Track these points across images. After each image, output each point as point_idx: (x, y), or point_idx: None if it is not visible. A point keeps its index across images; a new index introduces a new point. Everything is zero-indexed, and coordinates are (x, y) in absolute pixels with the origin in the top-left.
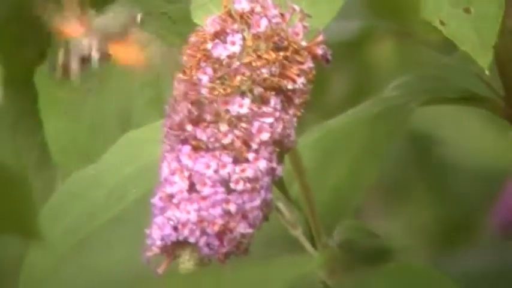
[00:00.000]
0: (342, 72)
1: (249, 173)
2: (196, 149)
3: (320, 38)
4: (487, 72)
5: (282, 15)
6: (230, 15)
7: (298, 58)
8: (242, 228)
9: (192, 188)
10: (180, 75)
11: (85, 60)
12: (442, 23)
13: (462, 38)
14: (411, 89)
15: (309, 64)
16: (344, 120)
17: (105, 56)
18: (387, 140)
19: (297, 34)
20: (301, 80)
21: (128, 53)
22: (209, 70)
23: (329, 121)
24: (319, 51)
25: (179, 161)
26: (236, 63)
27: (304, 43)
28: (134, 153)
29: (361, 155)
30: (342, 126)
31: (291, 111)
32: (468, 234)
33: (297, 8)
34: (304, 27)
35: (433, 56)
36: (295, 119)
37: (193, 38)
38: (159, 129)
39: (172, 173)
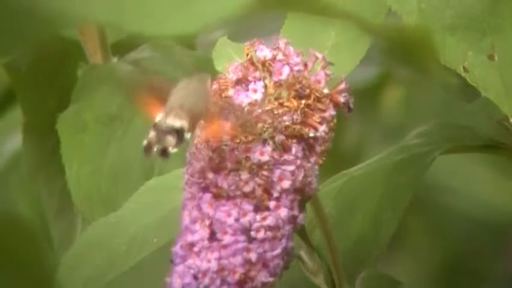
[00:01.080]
0: (359, 119)
1: (270, 221)
2: (217, 196)
3: (342, 85)
4: (511, 120)
5: (304, 63)
6: (252, 62)
7: (320, 106)
8: (263, 276)
9: (213, 236)
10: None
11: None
12: (465, 70)
13: (486, 85)
14: (433, 137)
15: (331, 112)
16: (366, 168)
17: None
18: (409, 188)
19: (319, 82)
20: (322, 128)
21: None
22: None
23: (351, 169)
24: (341, 99)
25: (200, 209)
26: (258, 111)
27: (326, 91)
28: (155, 201)
29: (383, 203)
30: (364, 174)
31: (312, 159)
32: (473, 280)
33: (319, 55)
34: (327, 75)
35: (453, 102)
36: (316, 167)
37: (215, 85)
38: (181, 176)
39: (193, 221)
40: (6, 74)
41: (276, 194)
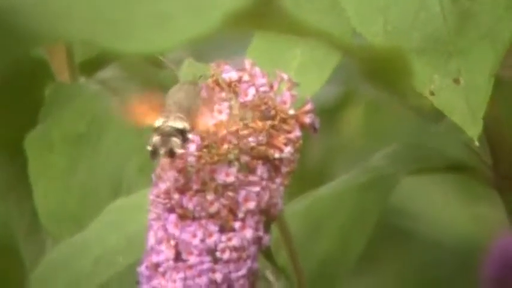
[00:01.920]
0: (321, 138)
1: (235, 242)
2: (182, 217)
3: (308, 106)
4: (476, 143)
5: (270, 84)
6: (218, 83)
7: (286, 127)
8: None
9: (178, 257)
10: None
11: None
12: (432, 93)
13: (452, 108)
14: (399, 158)
15: (297, 133)
16: (332, 189)
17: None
18: (375, 209)
19: (285, 103)
20: (288, 149)
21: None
22: (196, 138)
23: (317, 189)
24: (307, 119)
25: (166, 229)
26: (223, 132)
27: (292, 112)
28: (121, 221)
29: (350, 223)
30: (331, 195)
31: (278, 180)
32: None
33: (285, 76)
34: (292, 95)
35: (420, 123)
36: (282, 188)
37: None
38: (146, 196)
39: (159, 242)
40: None
41: (241, 215)
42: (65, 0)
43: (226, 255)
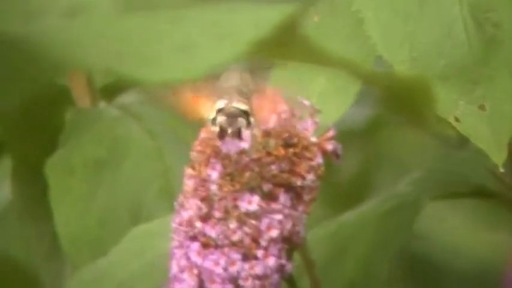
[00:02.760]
0: (351, 161)
1: (258, 270)
2: (205, 245)
3: (330, 133)
4: (501, 169)
5: (292, 111)
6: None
7: (308, 154)
8: None
9: (201, 285)
10: (190, 171)
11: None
12: (456, 119)
13: (477, 134)
14: (424, 184)
15: (319, 160)
16: (356, 215)
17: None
18: (398, 235)
19: (307, 130)
20: (310, 177)
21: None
22: (219, 166)
23: (341, 216)
24: (329, 147)
25: (188, 258)
26: (245, 160)
27: (314, 139)
28: (143, 248)
29: (373, 250)
30: (355, 221)
31: (300, 208)
32: None
33: (307, 103)
34: (314, 122)
35: (444, 149)
36: (304, 216)
37: (203, 134)
38: (168, 223)
39: (182, 271)
40: None
41: (264, 243)
42: (88, 29)
43: (249, 284)
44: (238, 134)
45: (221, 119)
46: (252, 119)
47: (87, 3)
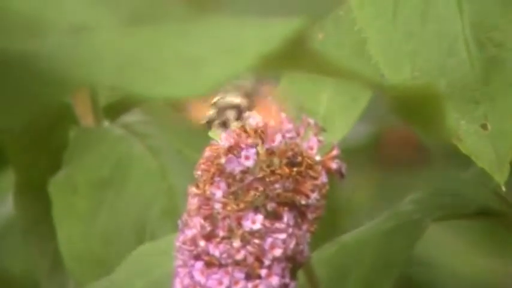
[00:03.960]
0: (359, 177)
1: None
2: (209, 264)
3: (335, 152)
4: (503, 189)
5: (296, 129)
6: (244, 130)
7: (312, 173)
8: None
9: None
10: (194, 190)
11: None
12: (459, 139)
13: (479, 154)
14: (426, 204)
15: (323, 179)
16: (358, 235)
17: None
18: (401, 255)
19: (311, 148)
20: (314, 196)
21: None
22: (223, 185)
23: (343, 235)
24: (334, 165)
25: (192, 277)
26: (249, 178)
27: (318, 158)
28: (147, 267)
29: (375, 270)
30: (356, 241)
31: (304, 227)
32: None
33: (311, 122)
34: (319, 141)
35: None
36: (308, 235)
37: (207, 153)
38: (172, 242)
39: None
40: None
41: (267, 262)
42: (93, 45)
43: None
44: (223, 126)
45: (211, 112)
46: (246, 113)
47: (92, 19)
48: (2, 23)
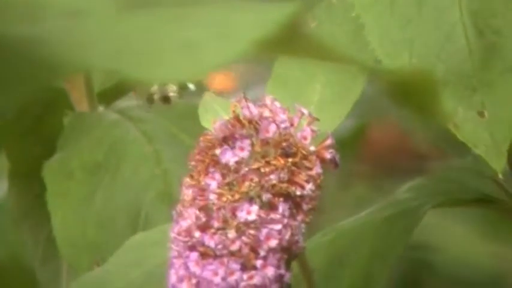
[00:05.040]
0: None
1: (257, 280)
2: (204, 255)
3: (328, 141)
4: (500, 176)
5: (290, 119)
6: (238, 120)
7: (307, 164)
8: None
9: None
10: (188, 180)
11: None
12: (456, 126)
13: (476, 141)
14: (424, 191)
15: (318, 170)
16: (356, 222)
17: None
18: (399, 242)
19: (305, 138)
20: (309, 186)
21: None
22: (217, 176)
23: (341, 223)
24: (328, 155)
25: (187, 267)
26: (244, 169)
27: (312, 148)
28: (141, 257)
29: (372, 258)
30: (354, 228)
31: (299, 218)
32: None
33: (305, 111)
34: (313, 131)
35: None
36: (303, 225)
37: (201, 143)
38: (167, 232)
39: (180, 280)
40: None
41: (262, 253)
42: (90, 29)
43: None
44: (165, 100)
45: (153, 88)
46: (190, 85)
47: (89, 3)
48: (0, 6)
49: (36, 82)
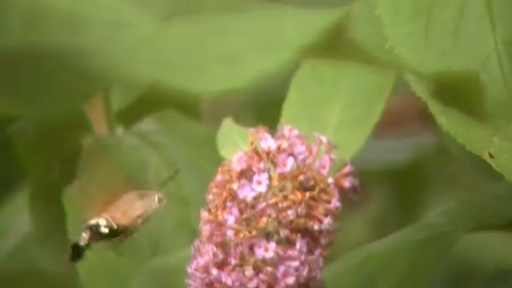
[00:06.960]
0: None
1: None
2: None
3: (347, 168)
4: None
5: (308, 148)
6: (256, 152)
7: (325, 197)
8: None
9: None
10: (206, 215)
11: None
12: (491, 156)
13: (511, 171)
14: (457, 216)
15: (336, 203)
16: (387, 245)
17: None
18: (431, 267)
19: (324, 167)
20: (327, 220)
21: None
22: (235, 211)
23: (371, 244)
24: (346, 183)
25: None
26: (262, 204)
27: (330, 180)
28: (159, 283)
29: (404, 281)
30: (385, 251)
31: (317, 252)
32: None
33: (324, 139)
34: (331, 159)
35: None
36: (321, 259)
37: (219, 176)
38: (184, 259)
39: None
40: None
41: None
42: (131, 42)
43: None
44: (74, 248)
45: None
46: (104, 230)
47: (129, 15)
48: (44, 18)
49: (79, 93)
